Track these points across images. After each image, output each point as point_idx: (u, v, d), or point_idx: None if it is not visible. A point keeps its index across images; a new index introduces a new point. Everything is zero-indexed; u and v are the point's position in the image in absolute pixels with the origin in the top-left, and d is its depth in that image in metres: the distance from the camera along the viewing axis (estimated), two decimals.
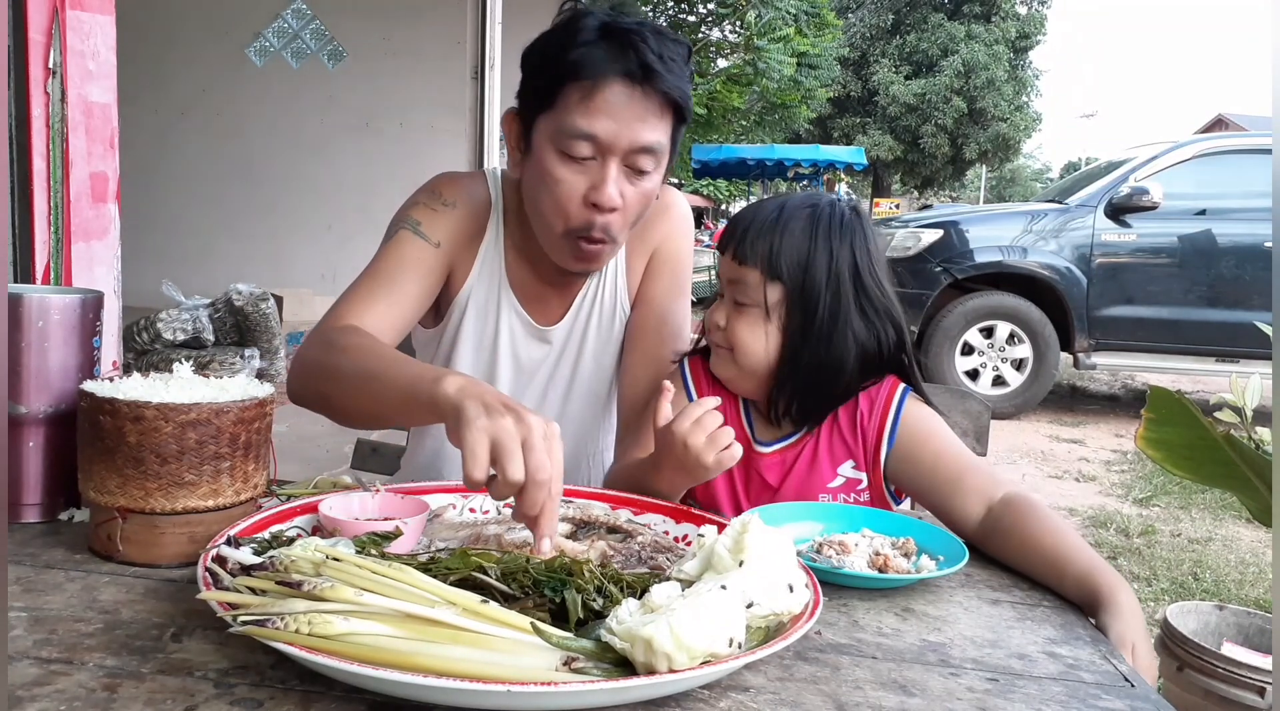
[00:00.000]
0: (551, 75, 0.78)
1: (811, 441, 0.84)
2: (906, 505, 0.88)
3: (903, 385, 0.83)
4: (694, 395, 0.86)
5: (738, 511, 0.82)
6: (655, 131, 0.77)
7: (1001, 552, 0.74)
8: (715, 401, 0.71)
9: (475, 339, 0.92)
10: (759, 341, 0.80)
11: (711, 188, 21.69)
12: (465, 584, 0.50)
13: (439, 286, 0.88)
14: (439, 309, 0.92)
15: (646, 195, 0.81)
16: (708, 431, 0.69)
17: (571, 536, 0.66)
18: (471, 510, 0.70)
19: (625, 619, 0.48)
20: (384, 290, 0.82)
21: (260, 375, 3.27)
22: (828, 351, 0.79)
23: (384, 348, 0.73)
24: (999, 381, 4.30)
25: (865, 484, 0.84)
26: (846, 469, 0.84)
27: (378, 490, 0.66)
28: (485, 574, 0.51)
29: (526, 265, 0.91)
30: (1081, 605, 0.68)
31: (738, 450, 0.69)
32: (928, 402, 0.83)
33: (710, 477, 0.71)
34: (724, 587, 0.49)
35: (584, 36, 0.76)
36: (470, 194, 0.89)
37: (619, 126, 0.76)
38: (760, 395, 0.84)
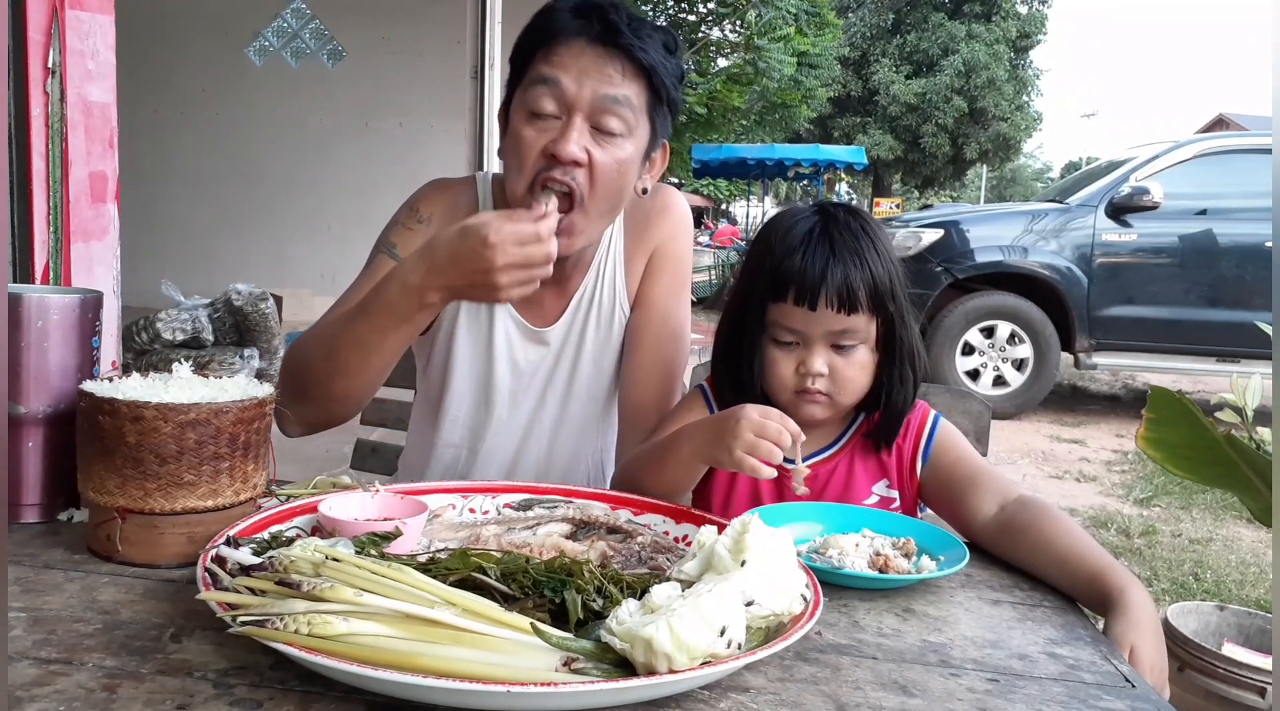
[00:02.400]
0: (523, 52, 0.81)
1: (845, 459, 0.84)
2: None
3: (933, 410, 0.85)
4: None
5: None
6: (620, 87, 0.77)
7: (1012, 550, 0.73)
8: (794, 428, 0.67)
9: (470, 343, 0.92)
10: (865, 377, 0.80)
11: (711, 187, 21.69)
12: (465, 584, 0.50)
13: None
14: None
15: (620, 163, 0.79)
16: (769, 431, 0.66)
17: (571, 536, 0.66)
18: (471, 510, 0.70)
19: (625, 619, 0.47)
20: None
21: (259, 375, 3.26)
22: (913, 357, 0.80)
23: (331, 320, 0.78)
24: (1000, 381, 4.30)
25: (899, 503, 0.84)
26: (880, 488, 0.84)
27: (377, 490, 0.66)
28: (485, 574, 0.51)
29: None
30: (1094, 606, 0.67)
31: (767, 471, 0.67)
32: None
33: (728, 464, 0.68)
34: (724, 588, 0.49)
35: (557, 6, 0.79)
36: (452, 203, 0.90)
37: (579, 77, 0.77)
38: (834, 419, 0.83)
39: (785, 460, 0.67)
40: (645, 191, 0.86)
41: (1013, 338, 4.25)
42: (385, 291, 0.72)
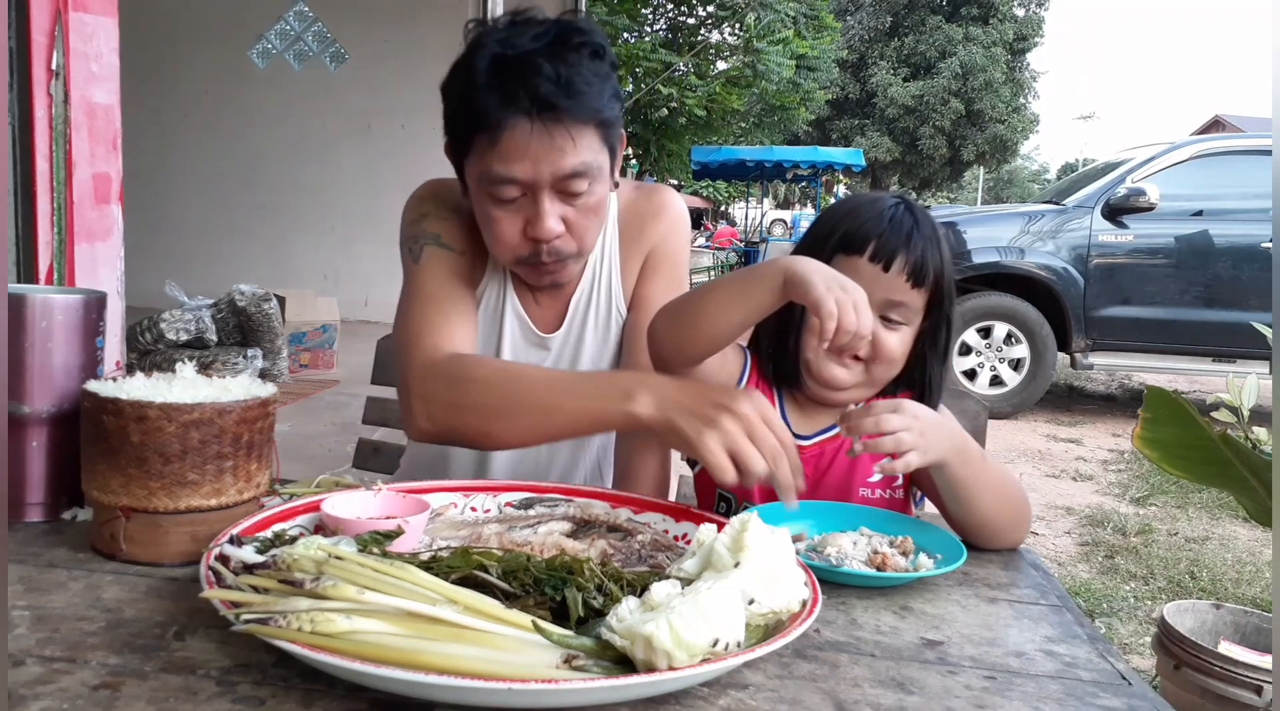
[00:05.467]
0: (460, 125, 0.77)
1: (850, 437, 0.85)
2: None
3: None
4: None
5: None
6: (576, 155, 0.75)
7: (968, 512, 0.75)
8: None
9: (483, 341, 0.92)
10: (901, 360, 0.80)
11: (711, 189, 21.70)
12: (467, 582, 0.50)
13: (478, 289, 0.89)
14: None
15: (594, 208, 0.79)
16: (866, 317, 0.65)
17: (572, 535, 0.67)
18: (473, 509, 0.70)
19: (625, 617, 0.48)
20: (449, 310, 0.82)
21: (263, 375, 3.27)
22: (946, 356, 0.82)
23: (532, 374, 0.76)
24: (996, 381, 4.31)
25: (900, 480, 0.85)
26: (883, 464, 0.84)
27: (379, 489, 0.66)
28: (486, 572, 0.51)
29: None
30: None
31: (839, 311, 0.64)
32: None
33: (818, 289, 0.65)
34: (723, 586, 0.50)
35: (478, 80, 0.74)
36: (456, 198, 0.89)
37: (535, 164, 0.74)
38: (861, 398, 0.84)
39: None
40: (616, 185, 0.86)
41: (1009, 338, 4.26)
42: (597, 405, 0.68)
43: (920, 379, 0.82)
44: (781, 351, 0.82)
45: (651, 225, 0.92)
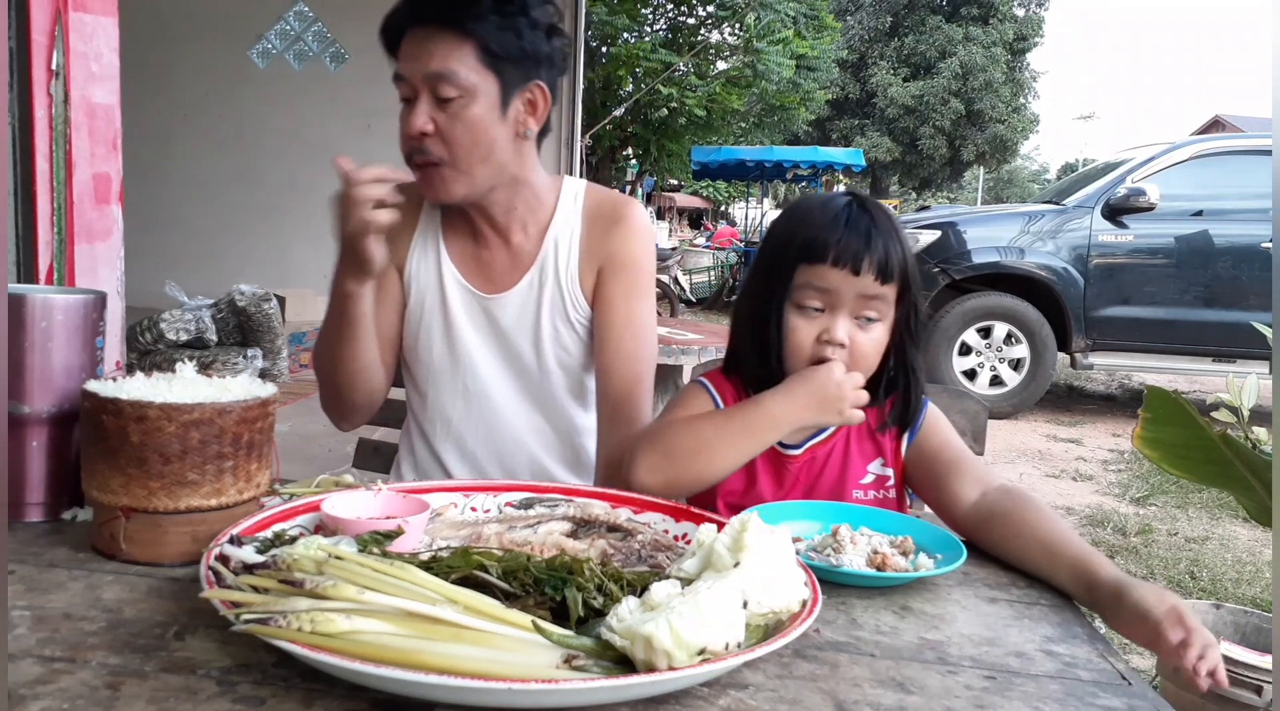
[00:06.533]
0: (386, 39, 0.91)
1: (842, 439, 0.85)
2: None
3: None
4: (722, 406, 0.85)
5: None
6: (443, 61, 0.86)
7: (993, 538, 0.74)
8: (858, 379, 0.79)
9: (429, 307, 0.98)
10: (878, 357, 0.81)
11: (711, 189, 21.71)
12: (467, 582, 0.50)
13: (398, 287, 0.99)
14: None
15: (466, 122, 0.87)
16: (857, 385, 0.77)
17: (572, 535, 0.67)
18: (473, 509, 0.70)
19: (625, 617, 0.48)
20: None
21: (263, 375, 3.27)
22: (919, 341, 0.84)
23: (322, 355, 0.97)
24: (996, 381, 4.31)
25: (893, 481, 0.85)
26: (876, 466, 0.85)
27: (379, 489, 0.66)
28: (486, 572, 0.51)
29: (462, 231, 0.98)
30: (1075, 593, 0.68)
31: (859, 415, 0.78)
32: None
33: (837, 422, 0.79)
34: (723, 586, 0.50)
35: (402, 4, 0.89)
36: (404, 193, 0.95)
37: (411, 63, 0.88)
38: None
39: None
40: (529, 133, 0.92)
41: (1009, 338, 4.26)
42: (330, 298, 0.90)
43: (902, 367, 0.83)
44: (765, 368, 0.83)
45: (613, 231, 0.97)
